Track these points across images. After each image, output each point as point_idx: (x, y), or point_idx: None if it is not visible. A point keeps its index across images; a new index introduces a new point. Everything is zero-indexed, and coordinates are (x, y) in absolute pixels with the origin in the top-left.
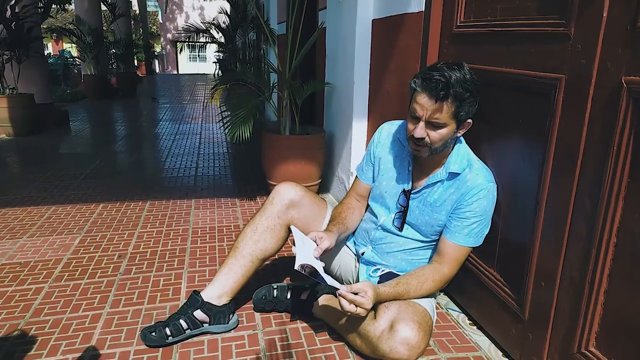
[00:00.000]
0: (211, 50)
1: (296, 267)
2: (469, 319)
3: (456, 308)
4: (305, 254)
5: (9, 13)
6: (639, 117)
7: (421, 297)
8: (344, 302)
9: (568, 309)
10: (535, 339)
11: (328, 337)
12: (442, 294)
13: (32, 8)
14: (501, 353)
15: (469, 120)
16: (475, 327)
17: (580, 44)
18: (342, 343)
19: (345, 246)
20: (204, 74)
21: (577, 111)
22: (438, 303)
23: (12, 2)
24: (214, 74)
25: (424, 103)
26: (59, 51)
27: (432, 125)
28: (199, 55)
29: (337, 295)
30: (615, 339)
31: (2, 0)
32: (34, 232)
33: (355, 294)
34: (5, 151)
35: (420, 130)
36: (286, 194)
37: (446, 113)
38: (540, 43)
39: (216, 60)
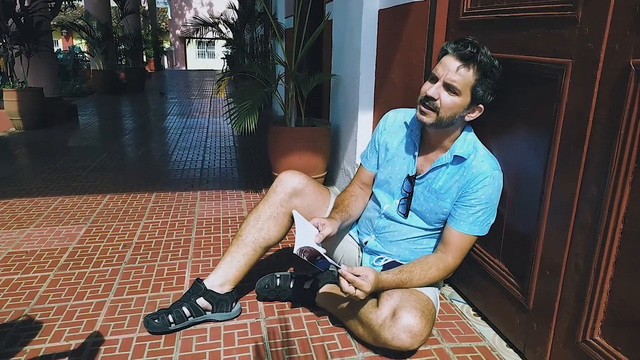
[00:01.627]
0: (219, 47)
1: (295, 250)
2: (474, 310)
3: (460, 299)
4: (306, 238)
5: (18, 7)
6: None
7: (424, 286)
8: (344, 283)
9: (573, 297)
10: (540, 328)
11: (330, 325)
12: (446, 284)
13: (41, 2)
14: (505, 343)
15: (481, 106)
16: (479, 318)
17: (588, 28)
18: (344, 332)
19: (348, 235)
20: (212, 69)
21: (584, 95)
22: (442, 294)
23: None
24: (222, 70)
25: (448, 63)
26: (68, 47)
27: (448, 88)
28: (207, 52)
29: (338, 274)
30: (620, 327)
31: None
32: (40, 222)
33: (357, 276)
34: (14, 144)
35: (434, 89)
36: (289, 183)
37: (465, 79)
38: (548, 28)
39: (224, 56)
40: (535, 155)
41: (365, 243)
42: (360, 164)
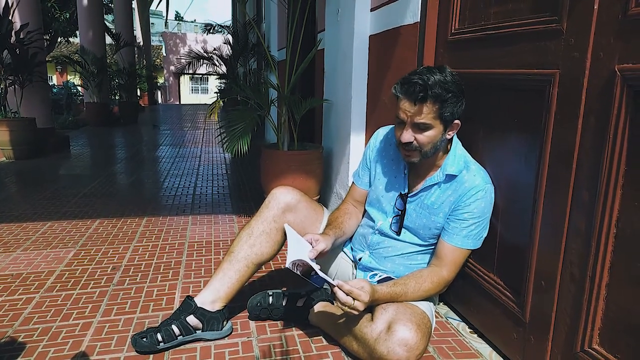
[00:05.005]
0: (213, 82)
1: (287, 264)
2: (470, 327)
3: (456, 317)
4: (299, 253)
5: (13, 39)
6: (633, 103)
7: (419, 300)
8: (341, 294)
9: (570, 306)
10: (537, 341)
11: (324, 343)
12: (441, 303)
13: (36, 34)
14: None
15: (457, 121)
16: (475, 335)
17: (573, 38)
18: (338, 349)
19: (342, 252)
20: (206, 104)
21: (572, 104)
22: (437, 312)
23: (18, 28)
24: (211, 115)
25: (405, 107)
26: (62, 82)
27: (417, 127)
28: (200, 87)
29: (334, 288)
30: (618, 334)
31: (6, 25)
32: (27, 246)
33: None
34: (4, 173)
35: (406, 135)
36: (282, 198)
37: (428, 114)
38: (534, 41)
39: (218, 91)
40: (526, 166)
41: (360, 259)
42: (353, 182)
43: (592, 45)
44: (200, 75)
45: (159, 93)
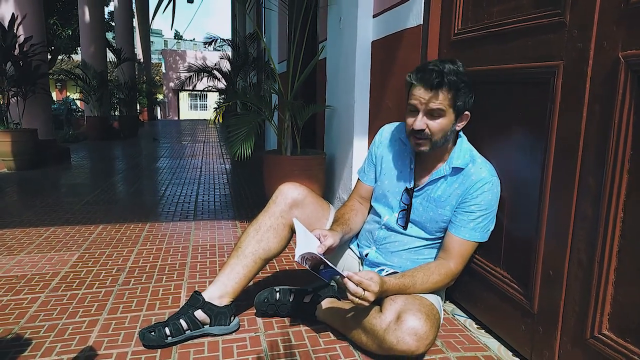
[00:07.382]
0: (212, 98)
1: (296, 257)
2: (477, 324)
3: (462, 314)
4: (308, 247)
5: (17, 51)
6: (638, 88)
7: (427, 292)
8: (351, 285)
9: (578, 294)
10: (546, 331)
11: (332, 338)
12: (447, 301)
13: (40, 47)
14: (511, 353)
15: (467, 113)
16: (483, 331)
17: (576, 29)
18: (346, 344)
19: (348, 249)
20: (205, 119)
21: (576, 93)
22: (445, 309)
23: (22, 41)
24: (215, 119)
25: (420, 94)
26: (62, 98)
27: (431, 115)
28: (199, 104)
29: (343, 279)
30: (628, 318)
31: (11, 38)
32: (31, 249)
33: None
34: (6, 183)
35: (419, 122)
36: (290, 193)
37: (443, 101)
38: (537, 35)
39: (217, 106)
40: (532, 157)
41: (366, 255)
42: (358, 178)
43: (596, 35)
44: (199, 92)
45: (158, 109)
